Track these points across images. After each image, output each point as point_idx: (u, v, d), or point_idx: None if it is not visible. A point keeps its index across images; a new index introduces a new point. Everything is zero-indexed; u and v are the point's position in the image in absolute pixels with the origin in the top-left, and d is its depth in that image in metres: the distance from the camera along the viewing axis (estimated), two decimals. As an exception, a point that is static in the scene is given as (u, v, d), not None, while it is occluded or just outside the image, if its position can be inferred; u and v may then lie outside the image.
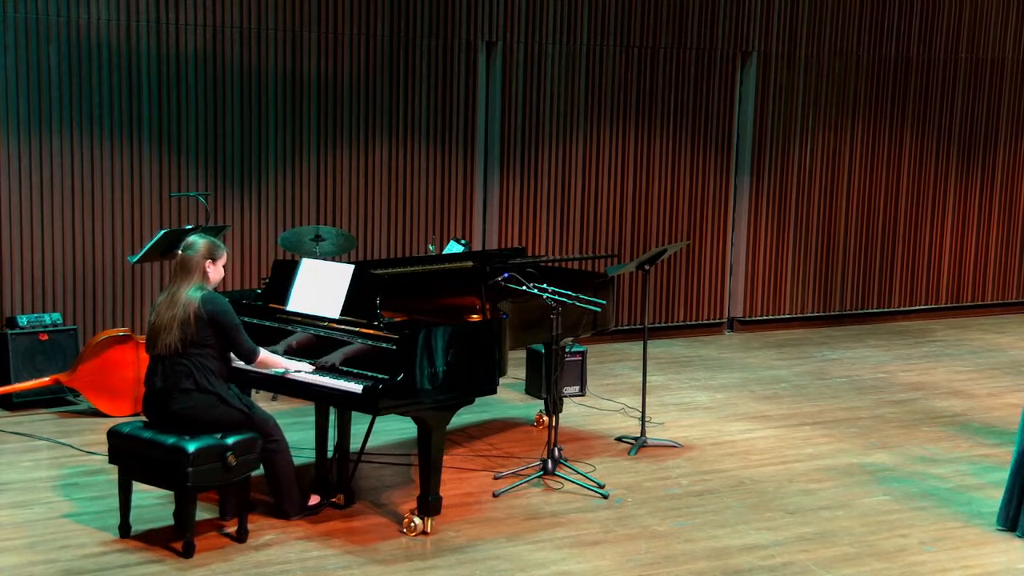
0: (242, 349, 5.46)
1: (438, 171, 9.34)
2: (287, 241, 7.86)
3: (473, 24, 9.29)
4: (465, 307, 6.32)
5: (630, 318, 10.19)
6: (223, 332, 5.38)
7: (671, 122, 10.11)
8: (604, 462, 6.80)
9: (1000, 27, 11.34)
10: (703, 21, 10.09)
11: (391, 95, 9.07)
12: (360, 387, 5.39)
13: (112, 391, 7.46)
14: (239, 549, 5.42)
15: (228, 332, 5.39)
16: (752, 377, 9.05)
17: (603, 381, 8.72)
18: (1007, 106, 11.50)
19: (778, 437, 7.41)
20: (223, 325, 5.37)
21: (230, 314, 5.40)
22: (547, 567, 5.33)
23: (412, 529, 5.64)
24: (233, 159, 8.62)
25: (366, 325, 5.62)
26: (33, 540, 5.49)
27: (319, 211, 8.95)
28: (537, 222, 9.76)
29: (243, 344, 5.45)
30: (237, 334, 5.42)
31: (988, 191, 11.56)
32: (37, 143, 8.01)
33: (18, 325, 7.73)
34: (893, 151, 11.08)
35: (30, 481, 6.31)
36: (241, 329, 5.45)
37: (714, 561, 5.43)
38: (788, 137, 10.61)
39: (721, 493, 6.36)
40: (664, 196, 10.20)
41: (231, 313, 5.41)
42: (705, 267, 10.49)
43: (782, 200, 10.69)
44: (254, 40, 8.57)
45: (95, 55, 8.09)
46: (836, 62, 10.69)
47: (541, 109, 9.62)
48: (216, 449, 5.30)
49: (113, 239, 8.29)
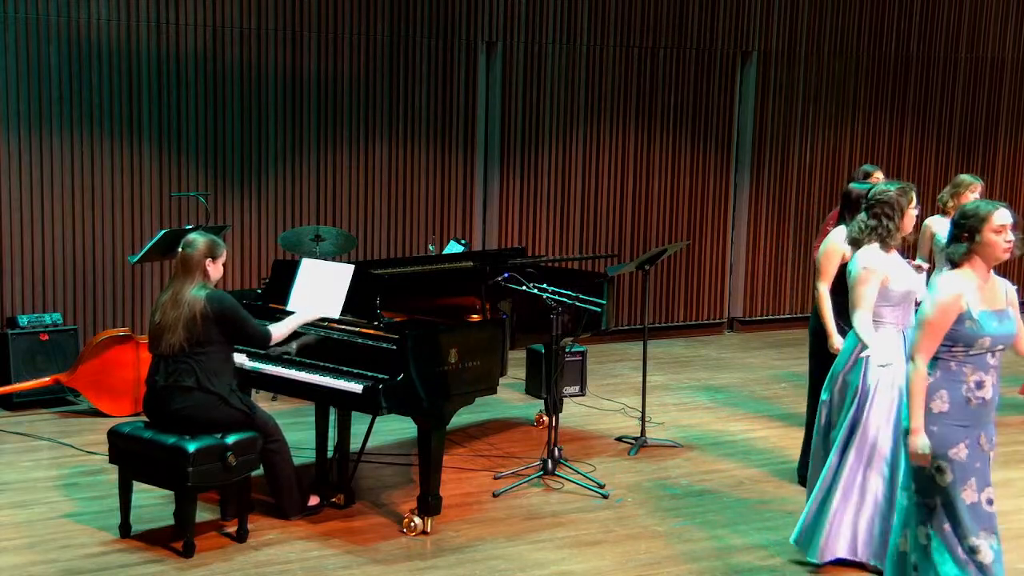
0: (256, 337, 5.47)
1: (438, 171, 9.34)
2: (287, 241, 7.86)
3: (473, 24, 9.29)
4: (465, 307, 6.32)
5: (630, 318, 10.19)
6: (233, 326, 5.39)
7: (671, 122, 10.11)
8: (604, 462, 6.80)
9: (1000, 25, 11.34)
10: (703, 21, 10.09)
11: (391, 95, 9.07)
12: (360, 387, 5.39)
13: (112, 391, 7.46)
14: (239, 549, 5.42)
15: (238, 325, 5.40)
16: (752, 377, 9.05)
17: (603, 381, 8.72)
18: (1007, 103, 11.50)
19: (778, 437, 7.41)
20: (232, 320, 5.37)
21: (237, 308, 5.41)
22: (547, 567, 5.34)
23: (412, 529, 5.65)
24: (233, 159, 8.62)
25: (366, 325, 5.62)
26: (33, 540, 5.49)
27: (319, 211, 8.95)
28: (537, 222, 9.76)
29: (255, 332, 5.46)
30: (247, 325, 5.43)
31: (988, 189, 11.54)
32: (37, 143, 8.01)
33: (18, 325, 7.74)
34: (893, 150, 11.08)
35: (30, 481, 6.32)
36: (249, 318, 5.45)
37: (714, 561, 5.44)
38: (788, 136, 10.61)
39: (721, 493, 6.36)
40: (664, 196, 10.20)
41: (237, 307, 5.42)
42: (705, 267, 10.50)
43: (782, 199, 10.69)
44: (254, 40, 8.57)
45: (95, 55, 8.09)
46: (836, 61, 10.69)
47: (541, 109, 9.62)
48: (216, 449, 5.31)
49: (113, 239, 8.29)
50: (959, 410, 4.28)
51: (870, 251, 5.18)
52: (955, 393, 4.27)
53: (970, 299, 4.22)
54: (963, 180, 7.55)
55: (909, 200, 5.25)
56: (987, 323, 4.23)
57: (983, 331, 4.21)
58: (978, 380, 4.27)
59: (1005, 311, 4.32)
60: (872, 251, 5.18)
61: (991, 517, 4.38)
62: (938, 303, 4.21)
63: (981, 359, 4.27)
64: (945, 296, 4.22)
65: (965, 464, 4.30)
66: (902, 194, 5.23)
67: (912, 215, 5.27)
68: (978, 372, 4.27)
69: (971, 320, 4.21)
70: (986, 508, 4.36)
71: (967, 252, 4.29)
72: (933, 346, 4.24)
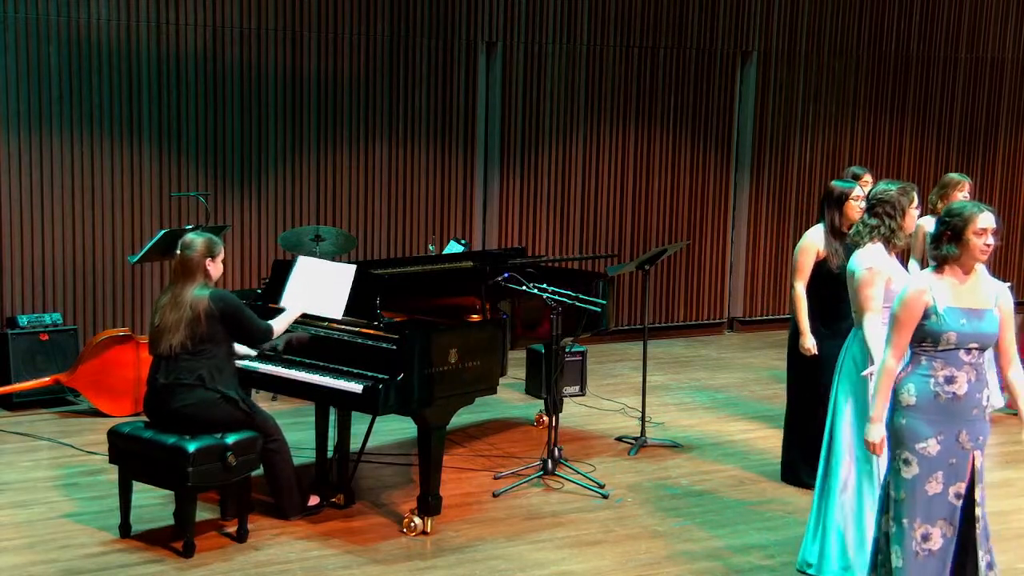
0: (258, 333, 5.49)
1: (438, 171, 9.34)
2: (287, 241, 7.86)
3: (473, 24, 9.29)
4: (465, 307, 6.32)
5: (630, 318, 10.19)
6: (237, 324, 5.40)
7: (671, 122, 10.11)
8: (604, 462, 6.80)
9: (999, 25, 11.34)
10: (703, 20, 10.09)
11: (391, 95, 9.07)
12: (360, 387, 5.39)
13: (112, 391, 7.46)
14: (239, 549, 5.42)
15: (242, 323, 5.42)
16: (752, 377, 9.05)
17: (603, 381, 8.72)
18: (1007, 103, 11.50)
19: (778, 437, 7.39)
20: (236, 318, 5.39)
21: (240, 306, 5.43)
22: (547, 567, 5.34)
23: (412, 529, 5.65)
24: (233, 159, 8.62)
25: (366, 325, 5.62)
26: (33, 540, 5.49)
27: (319, 211, 8.95)
28: (537, 222, 9.76)
29: (258, 328, 5.48)
30: (250, 322, 5.45)
31: (988, 188, 11.56)
32: (37, 143, 8.01)
33: (18, 325, 7.74)
34: (893, 150, 11.08)
35: (30, 481, 6.32)
36: (253, 316, 5.48)
37: (714, 561, 5.44)
38: (788, 136, 10.61)
39: (721, 493, 6.36)
40: (664, 196, 10.20)
41: (241, 304, 5.45)
42: (705, 267, 10.50)
43: (782, 199, 10.69)
44: (254, 40, 8.57)
45: (95, 55, 8.09)
46: (836, 60, 10.69)
47: (541, 109, 9.62)
48: (216, 449, 5.31)
49: (113, 239, 8.29)
50: (928, 404, 4.34)
51: (872, 251, 5.16)
52: (922, 387, 4.34)
53: (937, 295, 4.30)
54: (951, 179, 7.56)
55: (910, 200, 5.24)
56: (952, 320, 4.28)
57: (947, 327, 4.27)
58: (948, 375, 4.32)
59: (982, 311, 4.34)
60: (874, 251, 5.16)
61: (954, 511, 4.41)
62: (902, 298, 4.33)
63: (952, 355, 4.32)
64: (908, 291, 4.32)
65: (934, 459, 4.35)
66: (903, 194, 5.22)
67: (914, 215, 5.27)
68: (948, 368, 4.32)
69: (936, 315, 4.28)
70: (951, 501, 4.40)
71: (956, 252, 4.33)
72: (902, 340, 4.34)
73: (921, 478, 4.36)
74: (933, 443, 4.34)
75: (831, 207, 6.12)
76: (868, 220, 5.23)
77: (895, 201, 5.20)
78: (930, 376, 4.34)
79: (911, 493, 4.38)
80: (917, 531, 4.39)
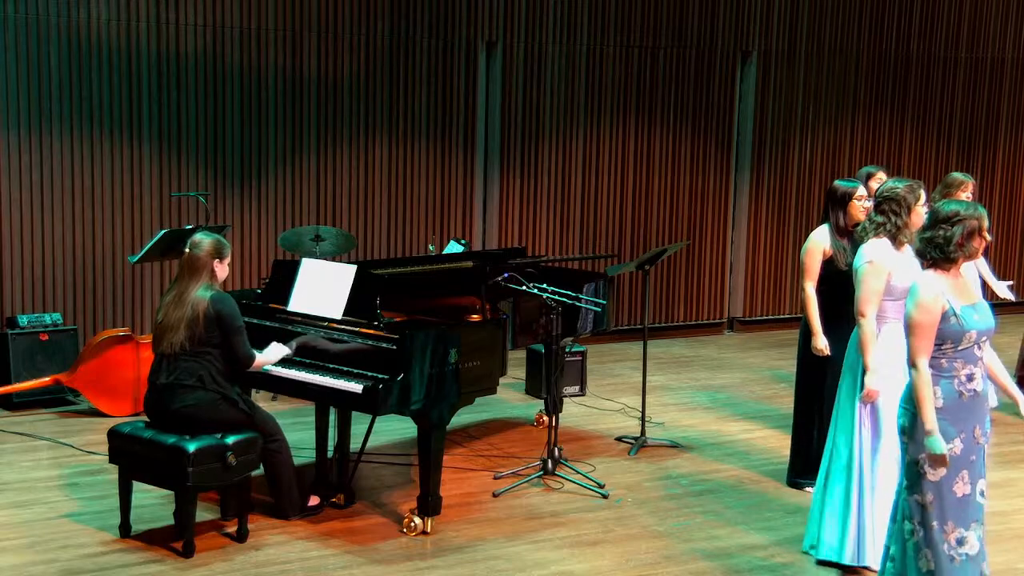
0: (239, 352, 5.44)
1: (438, 171, 9.34)
2: (287, 241, 7.86)
3: (473, 24, 9.29)
4: (465, 307, 6.32)
5: (630, 318, 10.19)
6: (226, 334, 5.38)
7: (671, 121, 10.11)
8: (604, 462, 6.80)
9: (999, 25, 11.34)
10: (703, 20, 10.09)
11: (391, 95, 9.07)
12: (360, 387, 5.39)
13: (112, 391, 7.46)
14: (239, 549, 5.42)
15: (230, 333, 5.39)
16: (752, 377, 9.05)
17: (603, 381, 8.73)
18: (1007, 103, 11.50)
19: (778, 437, 7.40)
20: (227, 326, 5.37)
21: (236, 317, 5.41)
22: (547, 567, 5.34)
23: (412, 529, 5.65)
24: (233, 159, 8.62)
25: (366, 325, 5.62)
26: (33, 540, 5.49)
27: (319, 211, 8.95)
28: (537, 222, 9.76)
29: (240, 348, 5.44)
30: (237, 337, 5.41)
31: (988, 188, 11.56)
32: (37, 143, 8.01)
33: (18, 325, 7.73)
34: (893, 148, 11.08)
35: (30, 481, 6.32)
36: (243, 333, 5.44)
37: (714, 561, 5.44)
38: (788, 135, 10.61)
39: (721, 493, 6.36)
40: (664, 195, 10.20)
41: (237, 316, 5.41)
42: (705, 267, 10.50)
43: (782, 199, 10.69)
44: (254, 40, 8.57)
45: (95, 55, 8.09)
46: (836, 60, 10.68)
47: (541, 109, 9.62)
48: (216, 449, 5.31)
49: (113, 239, 8.29)
50: (954, 404, 4.36)
51: (877, 244, 5.21)
52: (948, 388, 4.36)
53: (949, 297, 4.33)
54: (955, 178, 7.54)
55: (917, 197, 5.27)
56: (968, 318, 4.33)
57: (968, 326, 4.32)
58: (968, 373, 4.37)
59: (979, 304, 4.43)
60: (879, 244, 5.20)
61: (981, 509, 4.46)
62: (921, 304, 4.31)
63: (969, 352, 4.37)
64: (927, 296, 4.31)
65: (959, 459, 4.37)
66: (910, 191, 5.26)
67: (921, 212, 5.27)
68: (968, 366, 4.37)
69: (955, 317, 4.31)
70: (979, 500, 4.45)
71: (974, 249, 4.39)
72: (929, 346, 4.33)
73: (949, 479, 4.35)
74: (958, 443, 4.37)
75: (835, 207, 6.12)
76: (875, 217, 5.30)
77: (902, 198, 5.24)
78: (953, 376, 4.36)
79: (940, 496, 4.36)
80: (951, 535, 4.38)
